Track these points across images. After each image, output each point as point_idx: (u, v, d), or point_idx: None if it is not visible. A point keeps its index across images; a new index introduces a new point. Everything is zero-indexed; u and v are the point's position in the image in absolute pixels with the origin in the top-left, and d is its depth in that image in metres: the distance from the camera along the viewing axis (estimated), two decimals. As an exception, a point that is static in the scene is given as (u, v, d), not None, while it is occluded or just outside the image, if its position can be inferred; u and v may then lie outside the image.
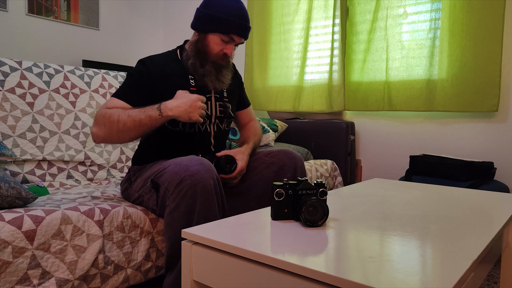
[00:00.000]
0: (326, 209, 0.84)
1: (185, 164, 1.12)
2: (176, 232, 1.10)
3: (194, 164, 1.12)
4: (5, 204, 1.01)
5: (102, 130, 1.21)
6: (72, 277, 1.01)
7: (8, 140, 1.52)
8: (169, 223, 1.12)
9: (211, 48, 1.33)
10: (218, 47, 1.33)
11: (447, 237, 0.78)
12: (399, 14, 2.27)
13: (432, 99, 2.15)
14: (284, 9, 2.74)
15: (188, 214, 1.09)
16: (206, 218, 1.09)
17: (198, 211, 1.09)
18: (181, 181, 1.09)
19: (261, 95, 2.84)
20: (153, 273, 1.22)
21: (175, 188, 1.10)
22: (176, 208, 1.10)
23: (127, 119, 1.18)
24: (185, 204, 1.09)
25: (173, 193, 1.11)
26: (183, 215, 1.09)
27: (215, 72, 1.35)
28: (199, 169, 1.10)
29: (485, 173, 1.87)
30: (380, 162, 2.44)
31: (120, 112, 1.20)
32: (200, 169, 1.11)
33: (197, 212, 1.09)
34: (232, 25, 1.29)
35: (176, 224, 1.10)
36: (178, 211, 1.10)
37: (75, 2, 2.95)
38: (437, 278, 0.58)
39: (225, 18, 1.28)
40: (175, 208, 1.10)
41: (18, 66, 1.65)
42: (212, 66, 1.35)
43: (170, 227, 1.12)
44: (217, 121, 1.42)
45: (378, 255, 0.67)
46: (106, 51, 3.19)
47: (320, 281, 0.61)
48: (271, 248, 0.70)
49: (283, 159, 1.35)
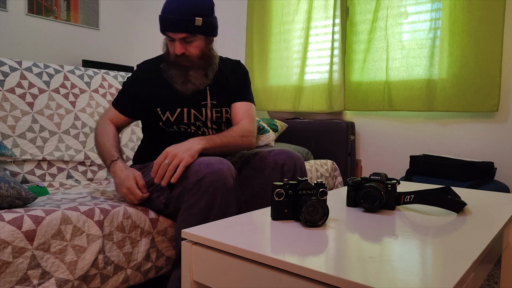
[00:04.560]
0: (326, 209, 0.84)
1: (206, 162, 1.14)
2: None
3: (214, 162, 1.14)
4: (5, 204, 1.01)
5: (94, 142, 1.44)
6: (72, 277, 1.01)
7: (8, 140, 1.52)
8: (186, 218, 1.12)
9: (168, 50, 1.33)
10: (171, 48, 1.31)
11: (447, 237, 0.78)
12: (400, 14, 2.27)
13: (432, 99, 2.15)
14: (284, 9, 2.74)
15: (207, 210, 1.10)
16: (224, 215, 1.10)
17: (217, 208, 1.10)
18: (202, 178, 1.10)
19: (261, 95, 2.84)
20: (153, 274, 1.22)
21: (195, 184, 1.11)
22: (195, 203, 1.11)
23: (100, 149, 1.35)
24: (205, 200, 1.10)
25: (193, 189, 1.11)
26: (201, 211, 1.10)
27: (181, 75, 1.31)
28: (220, 167, 1.12)
29: (485, 173, 1.87)
30: (380, 162, 2.44)
31: (99, 140, 1.35)
32: (221, 167, 1.12)
33: (216, 209, 1.10)
34: (164, 23, 1.25)
35: (194, 219, 1.10)
36: (197, 206, 1.10)
37: (75, 2, 2.95)
38: (437, 278, 0.58)
39: (160, 17, 1.27)
40: (194, 203, 1.11)
41: (18, 66, 1.65)
42: (176, 69, 1.32)
43: (186, 222, 1.12)
44: (214, 126, 1.41)
45: (378, 255, 0.67)
46: (106, 51, 3.19)
47: (320, 281, 0.60)
48: (271, 248, 0.70)
49: (284, 158, 1.34)
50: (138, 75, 1.38)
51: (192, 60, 1.31)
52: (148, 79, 1.36)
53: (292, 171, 1.32)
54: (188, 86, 1.32)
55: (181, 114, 1.34)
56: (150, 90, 1.35)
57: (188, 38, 1.27)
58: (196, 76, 1.32)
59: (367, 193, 0.97)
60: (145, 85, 1.36)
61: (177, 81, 1.32)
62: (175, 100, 1.34)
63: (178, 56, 1.29)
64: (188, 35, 1.26)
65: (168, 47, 1.33)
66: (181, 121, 1.35)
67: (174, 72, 1.32)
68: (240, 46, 3.09)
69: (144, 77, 1.37)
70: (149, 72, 1.37)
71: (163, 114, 1.34)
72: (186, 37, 1.26)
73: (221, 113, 1.40)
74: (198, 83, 1.32)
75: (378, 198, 0.96)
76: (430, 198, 1.00)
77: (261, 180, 1.34)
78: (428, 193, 1.01)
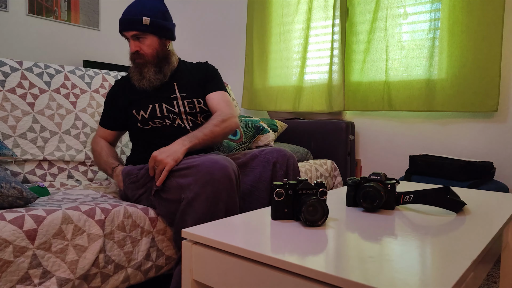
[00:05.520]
0: (326, 209, 0.84)
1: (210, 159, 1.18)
2: (197, 221, 1.11)
3: (218, 158, 1.17)
4: (6, 204, 1.01)
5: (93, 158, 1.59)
6: (72, 276, 1.01)
7: (9, 140, 1.52)
8: (188, 213, 1.14)
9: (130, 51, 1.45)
10: (130, 48, 1.42)
11: (446, 237, 0.78)
12: (399, 14, 2.27)
13: (431, 99, 2.15)
14: (284, 9, 2.74)
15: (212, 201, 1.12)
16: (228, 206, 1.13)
17: (224, 200, 1.12)
18: (198, 171, 1.14)
19: (261, 95, 2.85)
20: (153, 273, 1.22)
21: (194, 178, 1.14)
22: (195, 197, 1.12)
23: (99, 163, 1.52)
24: (207, 192, 1.11)
25: (191, 184, 1.14)
26: (204, 203, 1.11)
27: (137, 72, 1.44)
28: (218, 158, 1.16)
29: (484, 173, 1.87)
30: (380, 162, 2.44)
31: (96, 155, 1.52)
32: (219, 158, 1.16)
33: (221, 201, 1.12)
34: (120, 24, 1.40)
35: (197, 213, 1.12)
36: (200, 198, 1.12)
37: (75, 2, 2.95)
38: (437, 278, 0.58)
39: (119, 20, 1.41)
40: (194, 197, 1.12)
41: (19, 66, 1.65)
42: (134, 68, 1.45)
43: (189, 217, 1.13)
44: (190, 117, 1.46)
45: (378, 254, 0.67)
46: (107, 52, 3.20)
47: (320, 281, 0.61)
48: (271, 248, 0.70)
49: (276, 156, 1.36)
50: (114, 89, 1.54)
51: (145, 58, 1.42)
52: (122, 89, 1.51)
53: (284, 168, 1.33)
54: (143, 82, 1.43)
55: (153, 110, 1.43)
56: (124, 98, 1.49)
57: (139, 35, 1.40)
58: (149, 73, 1.42)
59: (366, 193, 0.97)
60: (119, 95, 1.51)
61: (134, 78, 1.45)
62: (146, 98, 1.45)
63: (134, 54, 1.42)
64: (138, 33, 1.39)
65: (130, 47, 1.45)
66: (155, 115, 1.43)
67: (132, 70, 1.46)
68: (240, 46, 3.10)
69: (118, 89, 1.53)
70: (123, 83, 1.53)
71: (137, 114, 1.44)
72: (136, 34, 1.39)
73: (193, 104, 1.47)
74: (152, 78, 1.43)
75: (378, 198, 0.96)
76: (430, 198, 1.01)
77: (252, 178, 1.35)
78: (428, 193, 1.02)
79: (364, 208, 0.99)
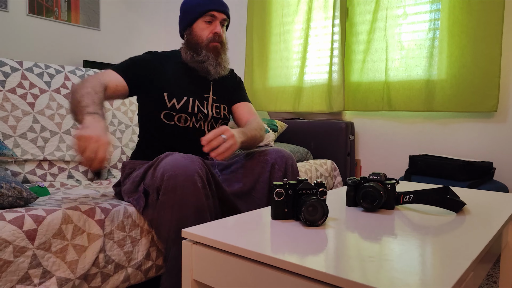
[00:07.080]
0: (326, 209, 0.84)
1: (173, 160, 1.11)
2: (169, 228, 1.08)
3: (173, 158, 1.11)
4: (6, 204, 1.01)
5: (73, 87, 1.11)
6: (73, 276, 1.01)
7: (9, 140, 1.52)
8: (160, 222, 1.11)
9: (200, 36, 1.37)
10: (205, 32, 1.36)
11: (446, 237, 0.78)
12: (399, 14, 2.28)
13: (431, 99, 2.15)
14: (284, 9, 2.75)
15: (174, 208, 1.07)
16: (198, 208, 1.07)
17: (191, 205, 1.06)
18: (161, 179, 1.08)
19: (261, 95, 2.85)
20: (154, 273, 1.22)
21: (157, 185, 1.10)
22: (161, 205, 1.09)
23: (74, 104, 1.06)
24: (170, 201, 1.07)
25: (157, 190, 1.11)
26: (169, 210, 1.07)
27: (214, 56, 1.37)
28: (180, 161, 1.09)
29: (484, 173, 1.87)
30: (380, 162, 2.44)
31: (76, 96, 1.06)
32: (181, 160, 1.09)
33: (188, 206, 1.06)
34: (207, 3, 1.34)
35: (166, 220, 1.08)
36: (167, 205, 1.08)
37: (75, 2, 2.95)
38: (437, 278, 0.58)
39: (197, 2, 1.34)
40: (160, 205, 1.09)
41: (19, 66, 1.65)
42: (208, 51, 1.36)
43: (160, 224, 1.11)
44: (212, 121, 1.43)
45: (378, 254, 0.67)
46: (107, 52, 3.20)
47: (320, 281, 0.61)
48: (271, 248, 0.70)
49: (275, 157, 1.35)
50: (148, 58, 1.37)
51: (223, 46, 1.38)
52: (159, 64, 1.38)
53: (283, 169, 1.33)
54: (217, 69, 1.37)
55: (186, 103, 1.36)
56: (160, 75, 1.35)
57: (224, 22, 1.37)
58: (224, 62, 1.38)
59: (366, 192, 0.97)
60: (155, 68, 1.36)
61: (211, 62, 1.36)
62: (181, 88, 1.37)
63: (215, 36, 1.34)
64: (226, 19, 1.37)
65: (200, 32, 1.36)
66: (185, 109, 1.36)
67: (207, 54, 1.35)
68: (240, 46, 3.10)
69: (155, 62, 1.37)
70: (160, 58, 1.39)
71: (169, 101, 1.34)
72: (225, 19, 1.36)
73: (219, 109, 1.43)
74: (226, 68, 1.39)
75: (378, 198, 0.96)
76: (429, 198, 1.01)
77: (250, 179, 1.35)
78: (427, 193, 1.02)
79: (364, 208, 0.99)
